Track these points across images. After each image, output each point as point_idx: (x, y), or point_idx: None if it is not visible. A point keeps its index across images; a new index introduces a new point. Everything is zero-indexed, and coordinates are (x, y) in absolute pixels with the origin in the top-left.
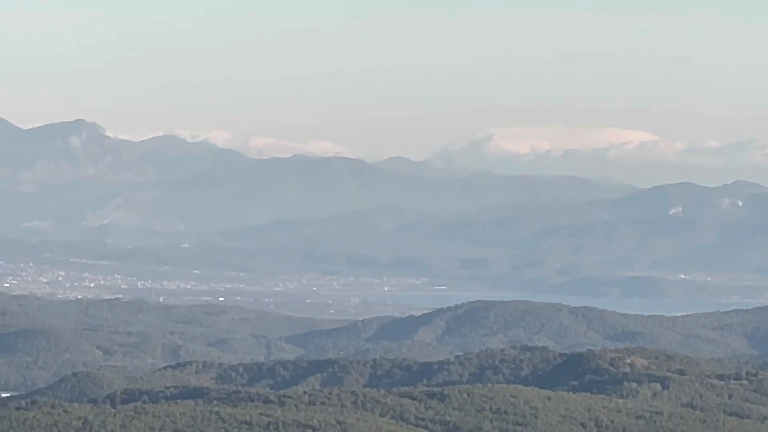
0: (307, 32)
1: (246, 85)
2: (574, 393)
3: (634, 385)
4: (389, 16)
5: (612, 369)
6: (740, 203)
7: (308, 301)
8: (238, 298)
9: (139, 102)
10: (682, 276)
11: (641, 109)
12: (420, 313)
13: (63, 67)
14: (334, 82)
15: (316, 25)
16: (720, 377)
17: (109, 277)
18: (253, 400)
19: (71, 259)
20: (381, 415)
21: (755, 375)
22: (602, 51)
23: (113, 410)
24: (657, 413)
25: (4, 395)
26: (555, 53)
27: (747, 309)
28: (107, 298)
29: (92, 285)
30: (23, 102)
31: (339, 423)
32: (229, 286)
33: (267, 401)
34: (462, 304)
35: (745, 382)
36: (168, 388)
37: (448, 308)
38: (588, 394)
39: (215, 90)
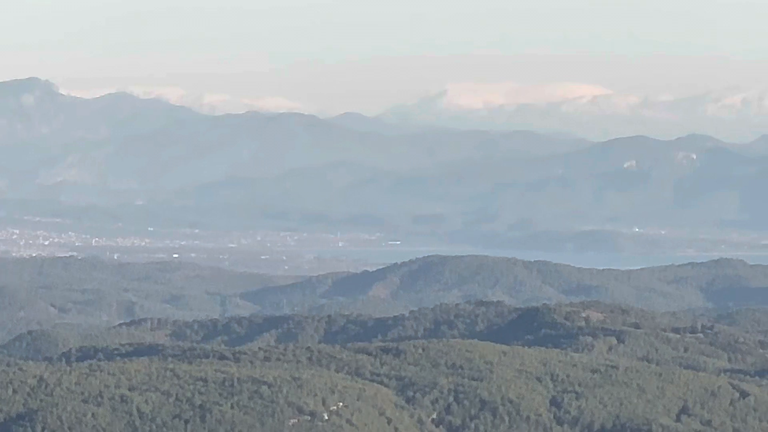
0: None
1: (198, 42)
2: (529, 347)
3: (589, 339)
4: None
5: (567, 323)
6: (694, 156)
7: (263, 257)
8: (193, 255)
9: (92, 58)
10: (637, 230)
11: (594, 63)
12: (374, 269)
13: (15, 24)
14: (286, 37)
15: None
16: (675, 330)
17: (63, 234)
18: (208, 357)
19: (25, 217)
20: (336, 371)
21: (710, 328)
22: (556, 5)
23: (68, 368)
24: (612, 367)
25: None
26: (516, 8)
27: (701, 262)
28: (61, 255)
29: (47, 243)
30: None
31: (294, 379)
32: (183, 243)
33: (222, 358)
34: (416, 259)
35: (700, 335)
36: (123, 345)
37: (403, 263)
38: (543, 349)
39: (167, 46)
